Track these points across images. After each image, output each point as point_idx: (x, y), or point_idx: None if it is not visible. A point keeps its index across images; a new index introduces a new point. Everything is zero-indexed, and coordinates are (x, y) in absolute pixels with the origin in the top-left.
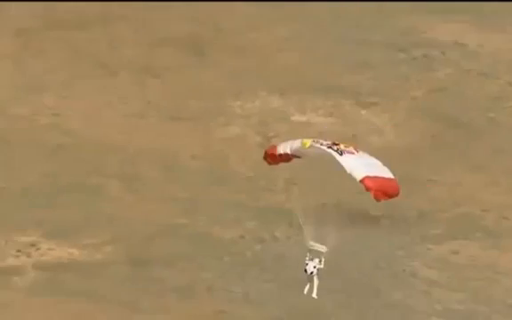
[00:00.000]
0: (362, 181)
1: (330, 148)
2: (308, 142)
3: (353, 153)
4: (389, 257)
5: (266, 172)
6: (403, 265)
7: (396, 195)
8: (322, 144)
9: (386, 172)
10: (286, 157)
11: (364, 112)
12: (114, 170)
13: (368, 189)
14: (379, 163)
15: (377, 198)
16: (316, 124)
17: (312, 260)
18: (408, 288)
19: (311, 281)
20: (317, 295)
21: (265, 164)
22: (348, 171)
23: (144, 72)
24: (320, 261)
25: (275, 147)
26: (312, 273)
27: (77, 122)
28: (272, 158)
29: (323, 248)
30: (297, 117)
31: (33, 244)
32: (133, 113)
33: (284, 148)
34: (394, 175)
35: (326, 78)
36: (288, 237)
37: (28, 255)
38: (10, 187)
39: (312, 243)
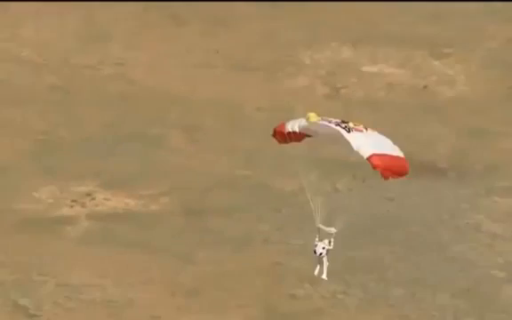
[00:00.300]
0: (369, 159)
1: (338, 125)
2: (314, 117)
3: (361, 131)
4: (454, 209)
5: None
6: (467, 218)
7: (405, 173)
8: (330, 121)
9: (395, 151)
10: (296, 136)
11: (436, 63)
12: (176, 120)
13: (375, 167)
14: (388, 141)
15: (385, 177)
16: (386, 74)
17: (321, 240)
18: (470, 241)
19: (321, 262)
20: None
21: (330, 114)
22: (355, 148)
23: (214, 22)
24: (329, 242)
25: (283, 124)
26: (321, 254)
27: (142, 72)
28: (281, 136)
29: (332, 230)
30: (367, 68)
31: (88, 194)
32: (200, 63)
33: (292, 125)
34: (403, 154)
35: (400, 29)
36: (350, 189)
37: (83, 205)
38: (69, 136)
39: (321, 225)
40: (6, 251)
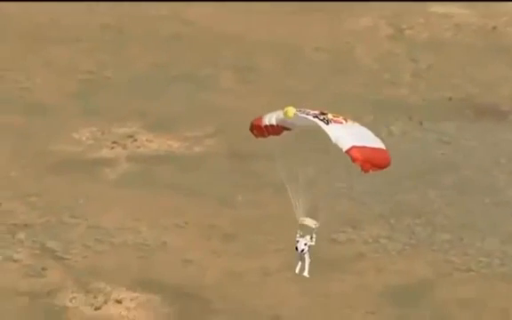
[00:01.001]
0: (348, 152)
1: (316, 117)
2: (291, 111)
3: (341, 122)
4: None
5: (392, 65)
6: None
7: (386, 165)
8: (308, 113)
9: (376, 142)
10: (274, 130)
11: (509, 2)
12: (229, 61)
13: (354, 160)
14: (369, 133)
15: (365, 169)
16: (454, 15)
17: (303, 236)
18: None
19: (302, 259)
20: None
21: (392, 55)
22: (334, 140)
23: None
24: (311, 238)
25: (260, 118)
26: (303, 251)
27: (196, 11)
28: (258, 130)
29: (314, 223)
30: (435, 9)
31: (130, 136)
32: (258, 3)
33: (269, 118)
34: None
35: None
36: (404, 133)
37: (124, 147)
38: (116, 77)
39: (303, 218)
40: (39, 193)
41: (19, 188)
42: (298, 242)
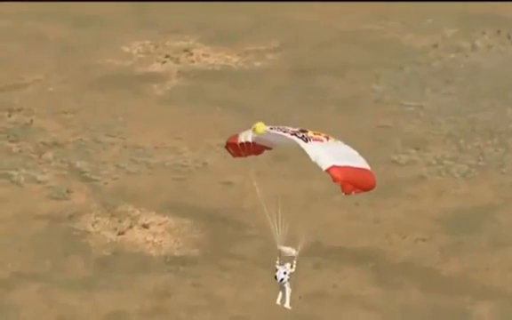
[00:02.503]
0: (328, 171)
1: (294, 134)
2: (260, 128)
3: (321, 140)
4: None
5: None
6: None
7: (371, 187)
8: (286, 131)
9: (360, 162)
10: (251, 149)
11: None
12: None
13: (335, 180)
14: (353, 152)
15: (346, 191)
16: None
17: (282, 264)
18: None
19: (283, 290)
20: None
21: None
22: (314, 159)
23: None
24: (291, 266)
25: (236, 136)
26: (282, 280)
27: None
28: (234, 148)
29: (292, 252)
30: None
31: (186, 50)
32: None
33: (245, 136)
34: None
35: None
36: (489, 47)
37: (177, 61)
38: None
39: (282, 247)
40: (75, 110)
41: (54, 104)
42: (277, 270)
